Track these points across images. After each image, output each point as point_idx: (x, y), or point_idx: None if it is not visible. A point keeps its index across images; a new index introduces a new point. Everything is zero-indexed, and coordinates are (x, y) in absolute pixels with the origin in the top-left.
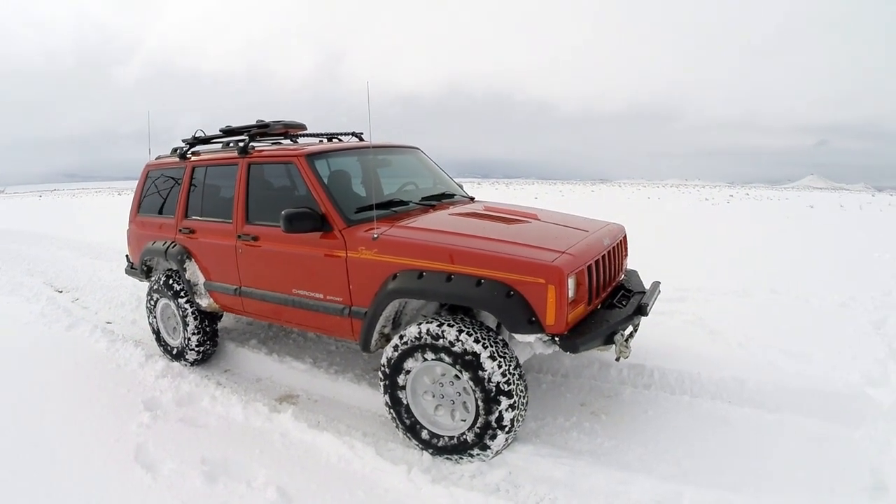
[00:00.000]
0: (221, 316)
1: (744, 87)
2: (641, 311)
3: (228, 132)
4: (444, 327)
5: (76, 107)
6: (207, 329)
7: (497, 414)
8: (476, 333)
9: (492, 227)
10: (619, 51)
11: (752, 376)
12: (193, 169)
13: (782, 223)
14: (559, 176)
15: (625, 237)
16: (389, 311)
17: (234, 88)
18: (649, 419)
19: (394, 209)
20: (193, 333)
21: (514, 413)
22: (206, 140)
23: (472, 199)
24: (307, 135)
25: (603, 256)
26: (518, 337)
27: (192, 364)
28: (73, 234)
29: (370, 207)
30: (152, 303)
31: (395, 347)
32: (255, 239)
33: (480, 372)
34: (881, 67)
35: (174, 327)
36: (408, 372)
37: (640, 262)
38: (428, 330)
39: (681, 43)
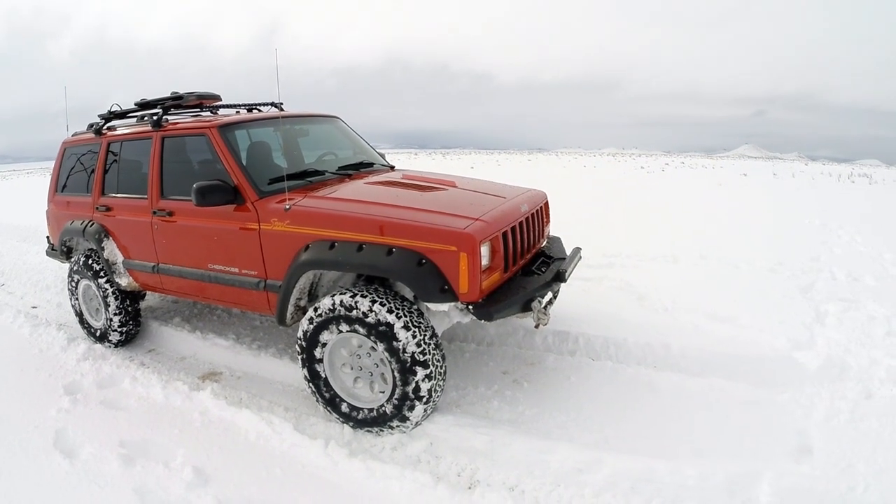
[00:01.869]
0: (144, 295)
1: (683, 58)
2: (560, 277)
3: (143, 105)
4: (358, 298)
5: (6, 85)
6: (129, 309)
7: (414, 384)
8: (390, 303)
9: (406, 195)
10: (558, 20)
11: (677, 341)
12: (109, 144)
13: (715, 191)
14: (497, 145)
15: (546, 203)
16: (303, 282)
17: (170, 61)
18: (572, 386)
19: (309, 179)
20: (115, 314)
21: (431, 383)
22: (122, 114)
23: (391, 167)
24: (225, 106)
25: (521, 223)
26: (431, 306)
27: (115, 345)
28: None
29: (283, 178)
30: (74, 284)
31: (311, 320)
32: (171, 214)
33: (395, 342)
34: (818, 39)
35: (96, 308)
36: (324, 345)
37: (570, 229)
38: (341, 301)
39: (620, 12)
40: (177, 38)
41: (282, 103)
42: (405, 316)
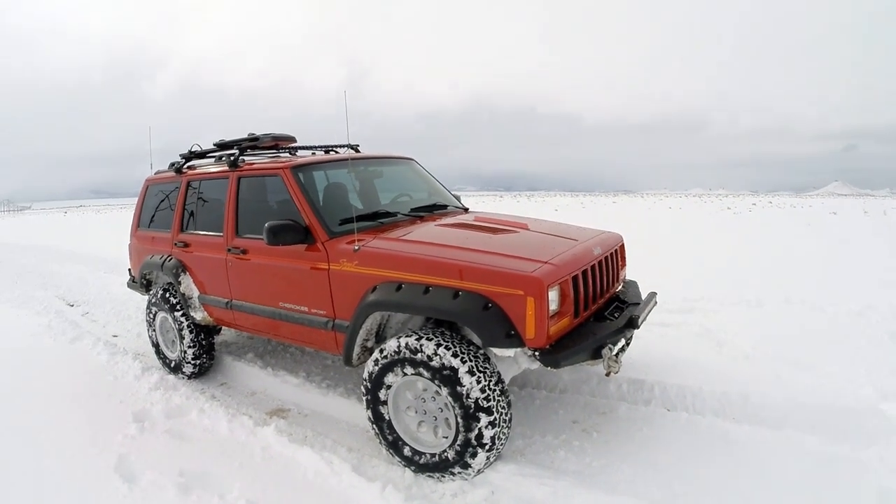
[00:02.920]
0: (219, 330)
1: (770, 95)
2: (633, 324)
3: (222, 146)
4: (423, 341)
5: (104, 122)
6: (204, 342)
7: (477, 431)
8: (455, 347)
9: (476, 237)
10: (643, 61)
11: (756, 390)
12: (188, 183)
13: (803, 230)
14: (583, 187)
15: (622, 246)
16: (370, 323)
17: (261, 103)
18: (644, 438)
19: (381, 221)
20: (189, 346)
21: (494, 430)
22: (202, 154)
23: (465, 209)
24: (303, 147)
25: (593, 266)
26: (497, 351)
27: (188, 377)
28: (90, 249)
29: (353, 219)
30: (151, 316)
31: (376, 361)
32: (244, 252)
33: (459, 387)
34: None
35: (172, 340)
36: (388, 387)
37: (651, 273)
38: (406, 344)
39: (705, 52)
40: (268, 81)
41: (358, 145)
42: (470, 361)
